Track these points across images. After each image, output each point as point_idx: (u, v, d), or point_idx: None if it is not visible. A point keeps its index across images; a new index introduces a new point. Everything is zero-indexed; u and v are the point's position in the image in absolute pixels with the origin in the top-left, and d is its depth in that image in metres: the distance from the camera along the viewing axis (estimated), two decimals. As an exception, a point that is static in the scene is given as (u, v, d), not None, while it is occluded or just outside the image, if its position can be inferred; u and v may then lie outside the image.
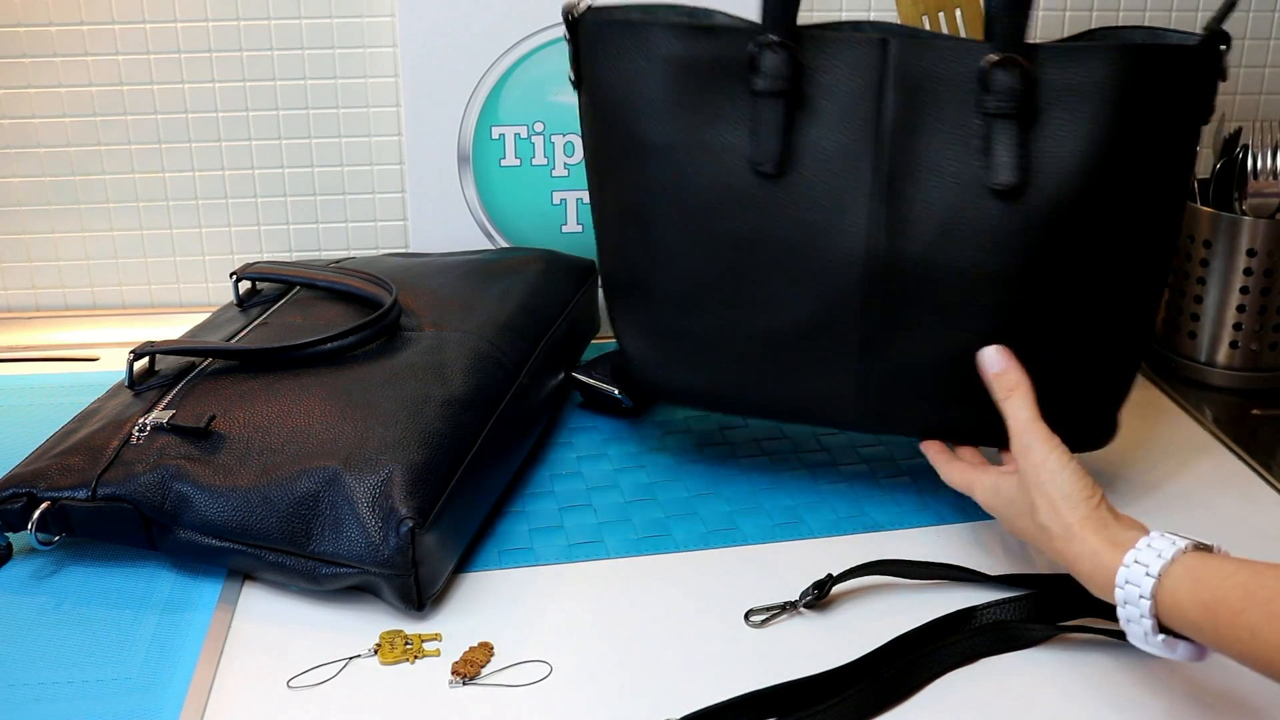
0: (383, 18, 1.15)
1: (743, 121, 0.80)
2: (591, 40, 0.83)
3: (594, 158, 0.87)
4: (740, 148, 0.80)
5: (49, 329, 1.18)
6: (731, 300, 0.83)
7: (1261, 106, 1.28)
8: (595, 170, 0.88)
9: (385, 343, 0.90)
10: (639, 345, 0.89)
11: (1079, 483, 0.72)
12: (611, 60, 0.82)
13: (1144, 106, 0.76)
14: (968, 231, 0.78)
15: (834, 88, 0.79)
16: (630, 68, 0.81)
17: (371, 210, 1.22)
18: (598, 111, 0.84)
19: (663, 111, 0.81)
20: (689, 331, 0.85)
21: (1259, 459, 0.95)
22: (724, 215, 0.81)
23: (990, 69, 0.76)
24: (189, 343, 0.92)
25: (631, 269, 0.87)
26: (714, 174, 0.81)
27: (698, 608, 0.77)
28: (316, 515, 0.76)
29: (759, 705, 0.68)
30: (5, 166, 1.16)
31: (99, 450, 0.80)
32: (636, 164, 0.83)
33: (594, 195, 0.89)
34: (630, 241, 0.86)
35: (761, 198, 0.80)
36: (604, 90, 0.83)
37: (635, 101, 0.82)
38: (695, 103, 0.80)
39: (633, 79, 0.81)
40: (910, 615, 0.75)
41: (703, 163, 0.81)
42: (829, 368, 0.83)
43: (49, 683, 0.70)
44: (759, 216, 0.81)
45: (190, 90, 1.16)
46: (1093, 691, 0.70)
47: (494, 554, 0.83)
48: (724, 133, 0.80)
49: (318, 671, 0.71)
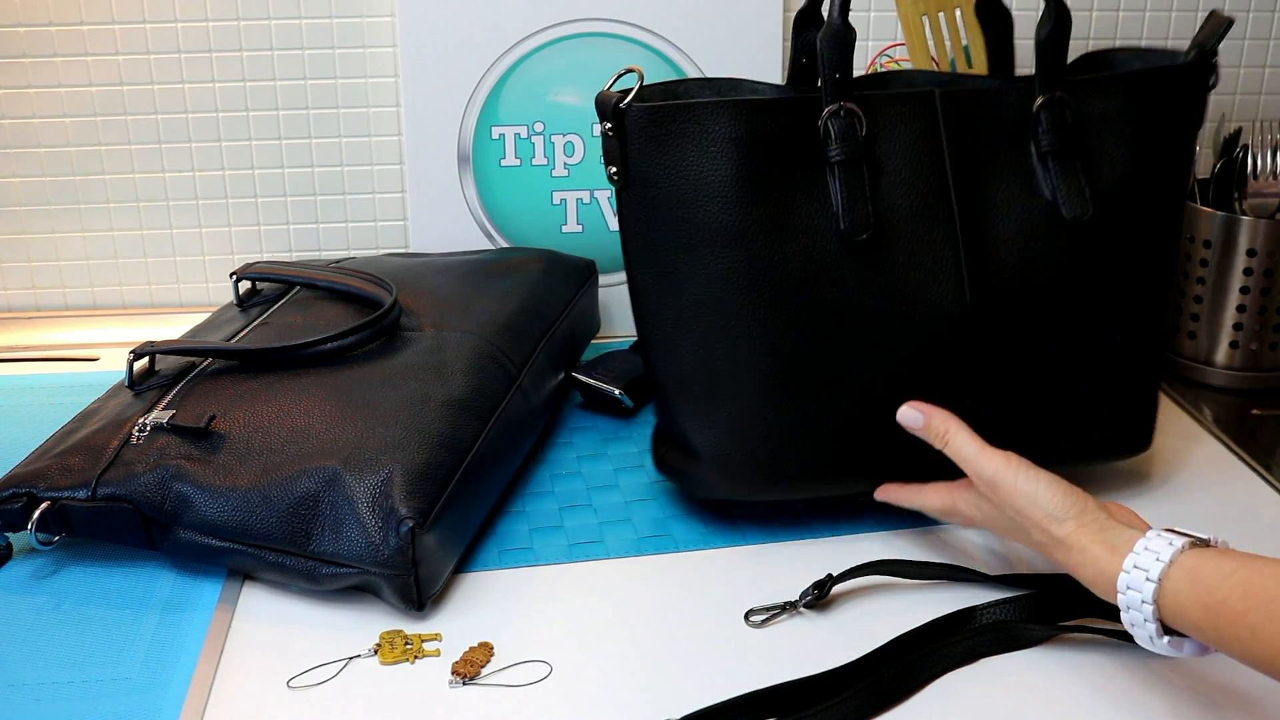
0: (383, 18, 1.15)
1: (818, 194, 0.79)
2: (644, 131, 0.78)
3: (653, 255, 0.81)
4: (820, 222, 0.79)
5: (49, 329, 1.18)
6: (827, 374, 0.80)
7: (1261, 106, 1.28)
8: (657, 269, 0.81)
9: (385, 343, 0.90)
10: (725, 448, 0.82)
11: (1059, 497, 0.71)
12: (671, 149, 0.78)
13: (1160, 123, 0.83)
14: (1041, 266, 0.82)
15: (901, 147, 0.80)
16: (695, 154, 0.77)
17: (371, 210, 1.22)
18: (657, 206, 0.79)
19: (735, 196, 0.77)
20: (785, 419, 0.81)
21: (1259, 459, 0.95)
22: (814, 290, 0.79)
23: (1039, 110, 0.81)
24: (189, 343, 0.92)
25: (712, 367, 0.81)
26: (798, 251, 0.79)
27: (698, 608, 0.77)
28: (316, 515, 0.76)
29: (759, 705, 0.68)
30: (5, 166, 1.16)
31: (99, 450, 0.80)
32: (711, 255, 0.78)
33: (654, 297, 0.82)
34: (712, 338, 0.80)
35: (850, 268, 0.79)
36: (665, 182, 0.78)
37: (704, 189, 0.77)
38: (767, 183, 0.78)
39: (699, 166, 0.77)
40: (910, 615, 0.75)
41: (785, 242, 0.78)
42: None
43: (49, 683, 0.70)
44: (850, 287, 0.79)
45: (190, 90, 1.16)
46: (1093, 691, 0.70)
47: (494, 554, 0.83)
48: (803, 208, 0.78)
49: (318, 671, 0.71)
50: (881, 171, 0.80)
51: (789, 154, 0.78)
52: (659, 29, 1.15)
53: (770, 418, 0.81)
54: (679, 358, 0.82)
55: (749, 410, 0.81)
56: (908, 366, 0.81)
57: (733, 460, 0.82)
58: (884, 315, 0.80)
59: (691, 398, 0.82)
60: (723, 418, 0.81)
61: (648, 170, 0.79)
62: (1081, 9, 1.22)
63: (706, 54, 1.16)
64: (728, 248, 0.78)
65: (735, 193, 0.77)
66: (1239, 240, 1.05)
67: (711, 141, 0.77)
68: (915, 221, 0.80)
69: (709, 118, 0.77)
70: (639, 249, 0.82)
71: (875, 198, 0.79)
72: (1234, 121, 1.23)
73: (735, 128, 0.77)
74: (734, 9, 1.15)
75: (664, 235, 0.80)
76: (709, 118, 0.77)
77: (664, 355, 0.83)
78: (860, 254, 0.79)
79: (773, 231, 0.78)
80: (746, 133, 0.77)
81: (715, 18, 1.15)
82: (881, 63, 1.14)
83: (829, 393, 0.81)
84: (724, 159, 0.77)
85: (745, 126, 0.77)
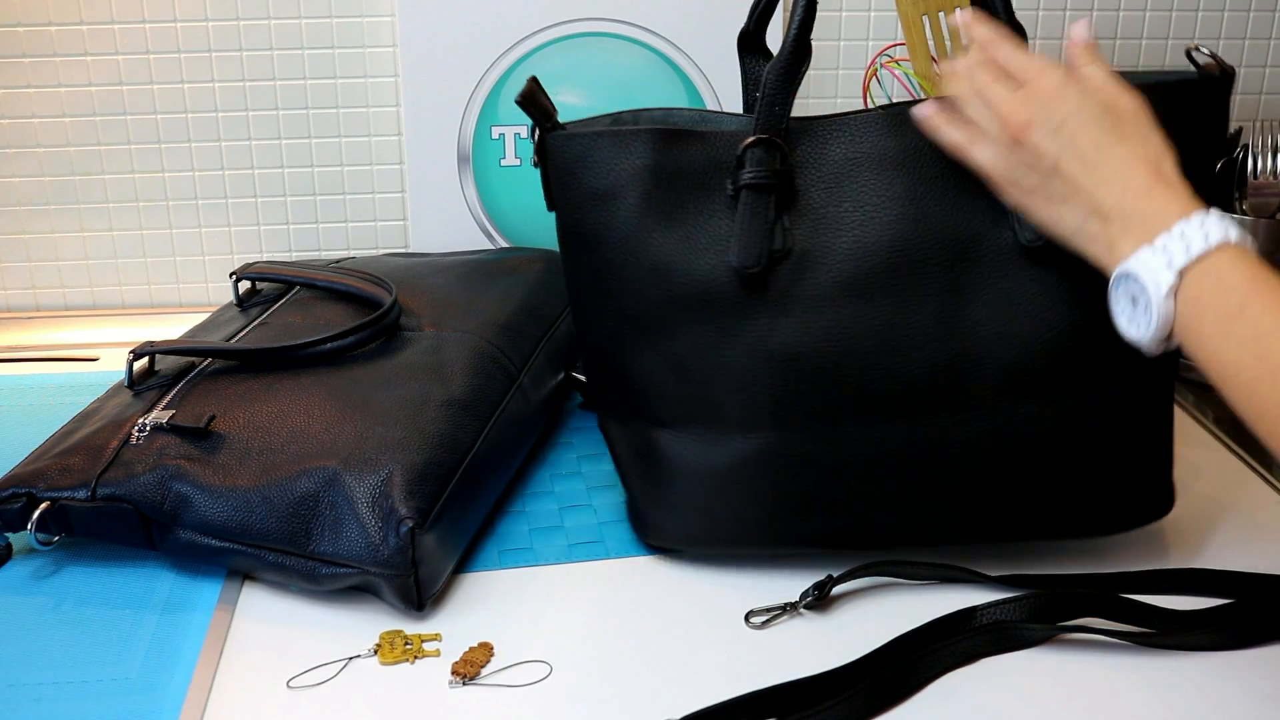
0: (383, 18, 1.15)
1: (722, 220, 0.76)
2: (557, 159, 0.77)
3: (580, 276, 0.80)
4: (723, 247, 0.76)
5: (49, 329, 1.18)
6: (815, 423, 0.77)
7: (1261, 106, 1.28)
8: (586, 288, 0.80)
9: (385, 343, 0.90)
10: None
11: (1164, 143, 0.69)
12: (581, 178, 0.77)
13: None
14: (1017, 300, 0.75)
15: (848, 189, 0.75)
16: (605, 180, 0.76)
17: (371, 210, 1.22)
18: (574, 235, 0.79)
19: (647, 224, 0.77)
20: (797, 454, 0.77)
21: (1259, 459, 0.95)
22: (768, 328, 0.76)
23: None
24: (189, 343, 0.92)
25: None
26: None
27: (698, 608, 0.77)
28: (316, 515, 0.76)
29: (759, 705, 0.68)
30: (5, 166, 1.16)
31: (99, 450, 0.80)
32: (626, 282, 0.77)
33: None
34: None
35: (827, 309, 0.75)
36: (574, 212, 0.78)
37: (617, 219, 0.76)
38: (679, 212, 0.76)
39: (610, 194, 0.76)
40: (910, 615, 0.75)
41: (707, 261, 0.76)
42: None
43: (49, 683, 0.70)
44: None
45: (190, 90, 1.16)
46: (1093, 691, 0.70)
47: (494, 554, 0.83)
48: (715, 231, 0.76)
49: (318, 671, 0.71)
50: (829, 226, 0.75)
51: (698, 181, 0.75)
52: (659, 29, 1.15)
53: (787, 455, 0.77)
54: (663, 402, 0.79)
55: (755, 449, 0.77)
56: (884, 427, 0.76)
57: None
58: (879, 349, 0.75)
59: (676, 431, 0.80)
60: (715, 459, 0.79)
61: (562, 200, 0.78)
62: (1082, 8, 1.22)
63: (706, 54, 1.16)
64: (648, 279, 0.76)
65: (647, 221, 0.75)
66: (1239, 240, 1.05)
67: (621, 170, 0.75)
68: (873, 281, 0.74)
69: (620, 145, 0.75)
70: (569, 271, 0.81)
71: (825, 242, 0.75)
72: (1234, 121, 1.23)
73: (647, 157, 0.75)
74: (734, 9, 1.15)
75: (585, 271, 0.79)
76: (620, 145, 0.75)
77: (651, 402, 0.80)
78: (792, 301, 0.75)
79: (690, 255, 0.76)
80: (656, 163, 0.75)
81: (715, 18, 1.15)
82: (882, 62, 1.14)
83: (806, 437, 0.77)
84: (635, 187, 0.75)
85: (656, 156, 0.75)
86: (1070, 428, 0.77)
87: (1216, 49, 1.25)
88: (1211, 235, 0.63)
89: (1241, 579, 0.79)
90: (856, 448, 0.76)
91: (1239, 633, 0.74)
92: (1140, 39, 1.24)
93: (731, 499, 0.79)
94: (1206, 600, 0.77)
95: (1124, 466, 0.79)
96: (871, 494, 0.77)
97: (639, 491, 0.82)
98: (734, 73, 0.88)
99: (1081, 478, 0.78)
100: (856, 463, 0.76)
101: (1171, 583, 0.79)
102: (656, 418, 0.80)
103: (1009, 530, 0.80)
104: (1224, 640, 0.73)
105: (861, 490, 0.77)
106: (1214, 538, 0.85)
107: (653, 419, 0.80)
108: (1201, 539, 0.85)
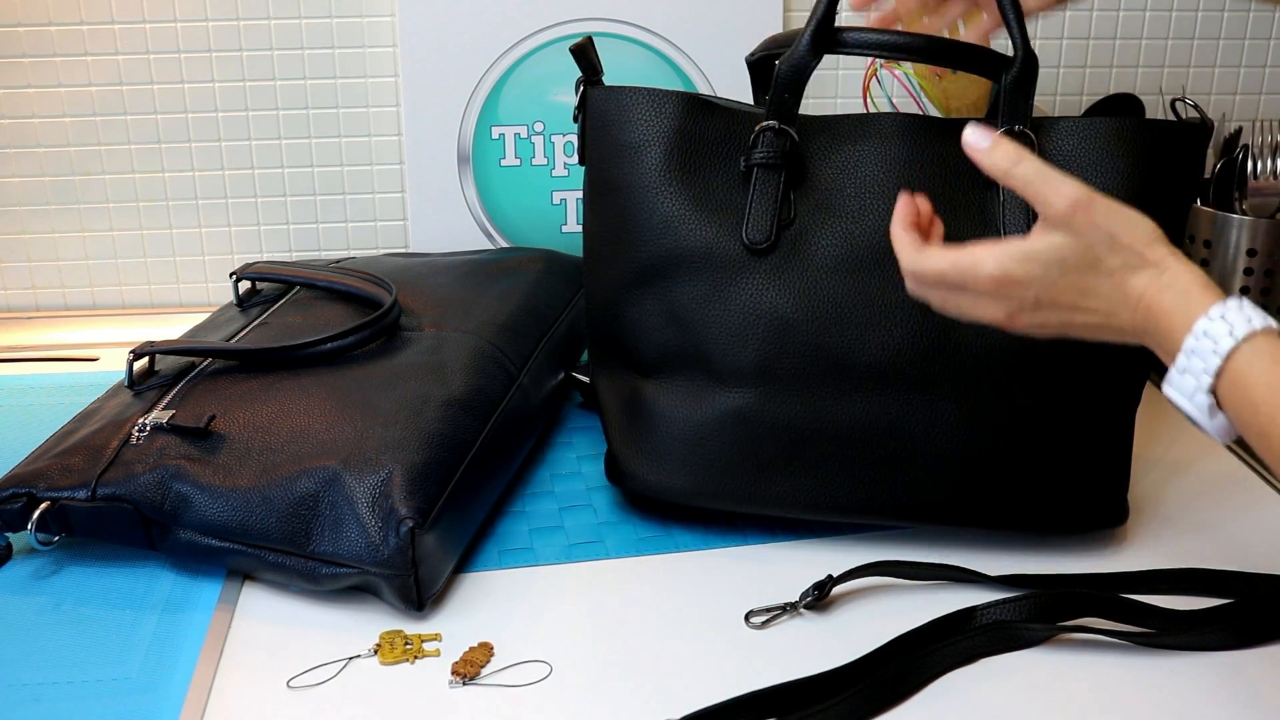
0: (383, 18, 1.15)
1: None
2: (595, 110, 0.84)
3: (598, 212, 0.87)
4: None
5: (49, 329, 1.18)
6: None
7: (1261, 106, 1.28)
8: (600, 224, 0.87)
9: (385, 343, 0.90)
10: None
11: (1144, 219, 0.65)
12: (615, 131, 0.83)
13: (1144, 177, 0.79)
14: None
15: (854, 182, 0.81)
16: (636, 134, 0.82)
17: (371, 210, 1.22)
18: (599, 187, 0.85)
19: (665, 182, 0.83)
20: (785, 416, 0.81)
21: (1259, 459, 0.95)
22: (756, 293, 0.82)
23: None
24: (189, 343, 0.92)
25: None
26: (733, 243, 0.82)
27: (698, 608, 0.77)
28: (316, 515, 0.76)
29: (759, 705, 0.68)
30: (5, 166, 1.16)
31: (99, 450, 0.80)
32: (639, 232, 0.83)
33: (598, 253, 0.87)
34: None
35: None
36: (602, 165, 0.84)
37: (640, 172, 0.83)
38: (697, 176, 0.82)
39: (637, 147, 0.82)
40: (910, 615, 0.75)
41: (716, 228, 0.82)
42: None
43: (49, 683, 0.70)
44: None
45: (190, 90, 1.16)
46: (1093, 691, 0.70)
47: (494, 554, 0.83)
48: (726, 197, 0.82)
49: (318, 671, 0.71)
50: (831, 207, 0.81)
51: (719, 148, 0.82)
52: (659, 29, 1.15)
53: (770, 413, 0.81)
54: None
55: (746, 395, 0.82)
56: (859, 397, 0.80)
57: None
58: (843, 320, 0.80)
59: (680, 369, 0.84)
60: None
61: (593, 151, 0.84)
62: (1082, 8, 1.22)
63: (706, 54, 1.16)
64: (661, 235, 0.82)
65: (664, 179, 0.81)
66: (1239, 240, 1.05)
67: (651, 126, 0.81)
68: (863, 262, 0.80)
69: (654, 103, 0.81)
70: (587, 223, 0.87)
71: (825, 227, 0.80)
72: (1234, 121, 1.23)
73: (676, 118, 0.81)
74: (734, 9, 1.15)
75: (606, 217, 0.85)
76: (654, 103, 0.81)
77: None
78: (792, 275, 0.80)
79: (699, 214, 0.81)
80: (683, 124, 0.81)
81: (715, 18, 1.15)
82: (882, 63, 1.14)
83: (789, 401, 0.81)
84: (660, 143, 0.81)
85: (684, 119, 0.81)
86: (1030, 426, 0.81)
87: (1217, 48, 1.25)
88: (1221, 343, 0.61)
89: (1241, 579, 0.79)
90: (830, 415, 0.81)
91: (1239, 633, 0.74)
92: (1140, 39, 1.24)
93: (708, 452, 0.82)
94: (1206, 600, 0.77)
95: (1080, 472, 0.82)
96: (838, 463, 0.81)
97: (620, 440, 0.86)
98: (733, 72, 0.88)
99: (1038, 476, 0.81)
100: (829, 430, 0.81)
101: (1171, 583, 0.79)
102: (647, 366, 0.84)
103: (963, 515, 0.82)
104: (1224, 640, 0.73)
105: (829, 457, 0.81)
106: (1214, 538, 0.85)
107: (643, 368, 0.84)
108: (1202, 539, 0.85)
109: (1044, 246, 0.65)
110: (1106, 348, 0.72)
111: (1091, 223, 0.64)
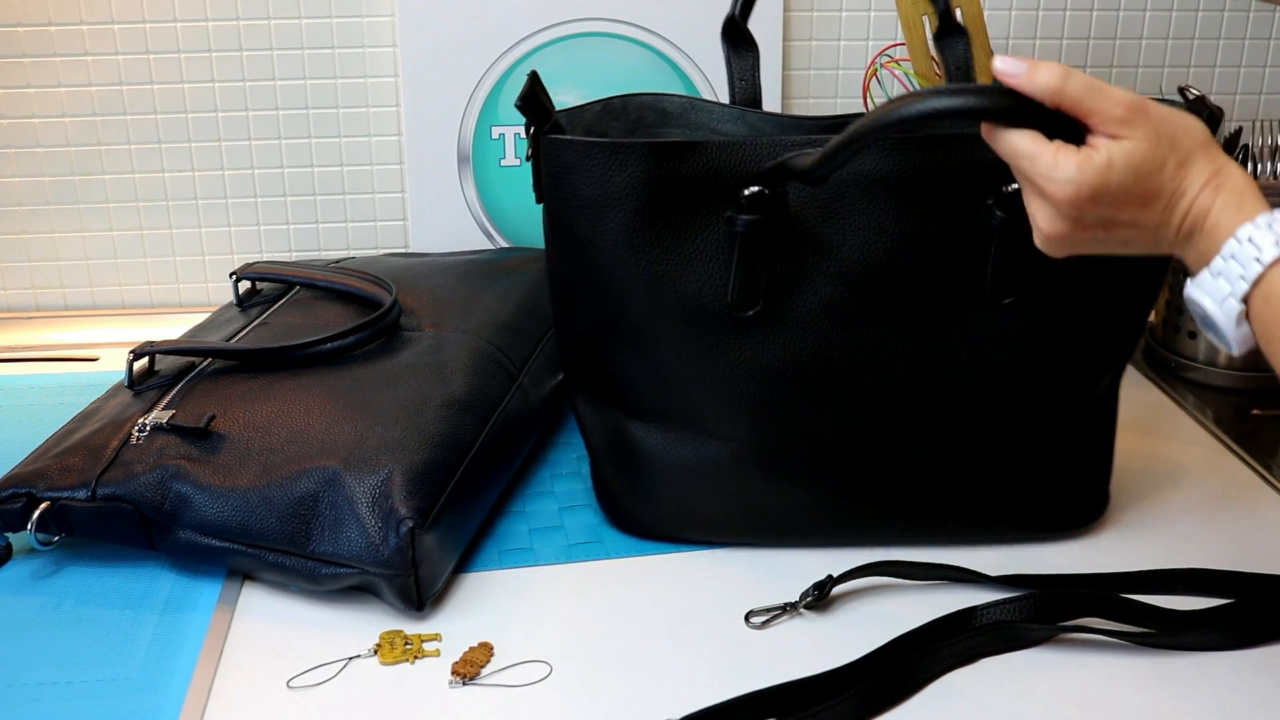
0: (383, 18, 1.15)
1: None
2: (552, 160, 0.76)
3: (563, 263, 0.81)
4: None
5: (49, 329, 1.18)
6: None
7: (1261, 106, 1.28)
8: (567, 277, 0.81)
9: (385, 343, 0.90)
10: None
11: (1196, 120, 0.63)
12: (573, 183, 0.76)
13: None
14: (985, 336, 0.78)
15: (848, 217, 0.76)
16: (596, 189, 0.75)
17: (371, 210, 1.22)
18: (560, 235, 0.79)
19: (632, 239, 0.77)
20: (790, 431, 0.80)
21: (1259, 459, 0.95)
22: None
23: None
24: (189, 343, 0.92)
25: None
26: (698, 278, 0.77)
27: (698, 608, 0.77)
28: (316, 515, 0.76)
29: (759, 705, 0.68)
30: (5, 166, 1.16)
31: (99, 450, 0.80)
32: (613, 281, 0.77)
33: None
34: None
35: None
36: (566, 213, 0.78)
37: (603, 230, 0.76)
38: (666, 226, 0.76)
39: (598, 203, 0.76)
40: (910, 615, 0.75)
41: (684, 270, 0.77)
42: None
43: (49, 683, 0.70)
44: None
45: (190, 90, 1.16)
46: (1093, 691, 0.70)
47: (494, 554, 0.83)
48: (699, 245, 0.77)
49: (318, 671, 0.71)
50: (818, 247, 0.76)
51: (694, 195, 0.75)
52: (659, 29, 1.15)
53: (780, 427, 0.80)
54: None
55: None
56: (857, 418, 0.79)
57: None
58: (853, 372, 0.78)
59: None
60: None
61: (552, 197, 0.78)
62: (1082, 9, 1.22)
63: (706, 54, 1.16)
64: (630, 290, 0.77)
65: (632, 236, 0.75)
66: (1239, 240, 1.05)
67: (616, 181, 0.74)
68: (854, 306, 0.76)
69: (617, 157, 0.74)
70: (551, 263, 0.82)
71: (804, 272, 0.75)
72: (1234, 121, 1.23)
73: (641, 171, 0.74)
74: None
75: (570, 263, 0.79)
76: (617, 157, 0.74)
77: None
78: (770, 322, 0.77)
79: (670, 265, 0.76)
80: (650, 176, 0.74)
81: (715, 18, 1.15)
82: (882, 63, 1.14)
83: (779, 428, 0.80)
84: (627, 201, 0.74)
85: (651, 170, 0.74)
86: (1008, 457, 0.81)
87: (1217, 48, 1.25)
88: (1266, 252, 0.59)
89: (1241, 579, 0.79)
90: (828, 456, 0.80)
91: (1239, 633, 0.74)
92: (1140, 39, 1.24)
93: (700, 495, 0.82)
94: (1206, 600, 0.77)
95: (1066, 468, 0.83)
96: (837, 496, 0.81)
97: (610, 476, 0.85)
98: (733, 72, 0.88)
99: (1013, 499, 0.82)
100: (823, 472, 0.80)
101: (1171, 583, 0.79)
102: (632, 411, 0.82)
103: (937, 536, 0.83)
104: (1224, 640, 0.73)
105: (828, 493, 0.81)
106: (1214, 538, 0.85)
107: (628, 411, 0.82)
108: (1201, 539, 0.85)
109: (1119, 152, 0.61)
110: (1095, 364, 0.75)
111: (1150, 126, 0.61)
